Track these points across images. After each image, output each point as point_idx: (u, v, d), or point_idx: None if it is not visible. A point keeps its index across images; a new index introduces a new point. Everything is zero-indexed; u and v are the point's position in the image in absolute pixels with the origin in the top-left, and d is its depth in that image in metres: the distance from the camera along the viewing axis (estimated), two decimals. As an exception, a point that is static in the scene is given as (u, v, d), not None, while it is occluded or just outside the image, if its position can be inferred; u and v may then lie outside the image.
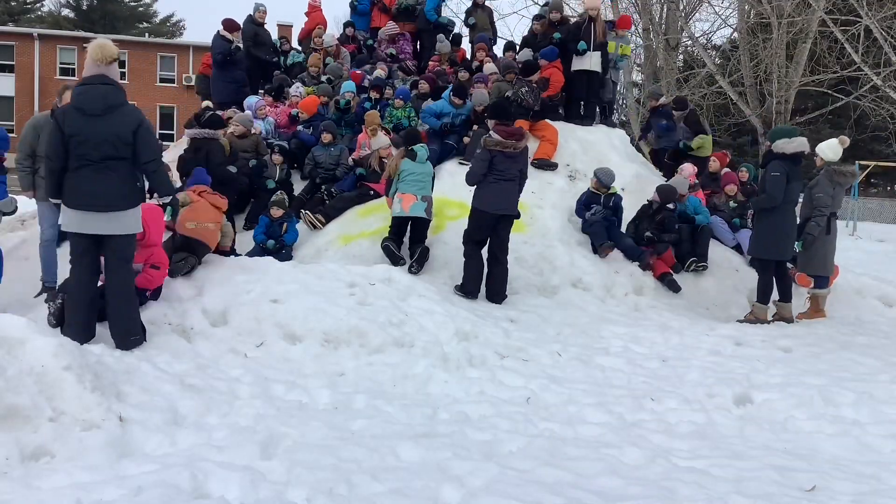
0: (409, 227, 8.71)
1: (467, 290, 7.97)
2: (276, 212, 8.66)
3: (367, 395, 5.25)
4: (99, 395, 4.33)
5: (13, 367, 4.15)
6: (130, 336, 5.59)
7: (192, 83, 13.11)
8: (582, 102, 11.84)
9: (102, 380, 4.53)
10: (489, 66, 12.14)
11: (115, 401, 4.43)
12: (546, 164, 10.54)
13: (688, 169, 10.67)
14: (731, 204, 10.52)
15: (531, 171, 10.36)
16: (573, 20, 12.19)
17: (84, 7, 58.87)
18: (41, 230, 7.39)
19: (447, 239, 9.13)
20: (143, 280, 6.18)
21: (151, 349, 5.68)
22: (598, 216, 9.38)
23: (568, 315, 7.86)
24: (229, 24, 12.25)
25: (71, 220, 5.50)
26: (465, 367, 6.05)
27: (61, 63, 42.66)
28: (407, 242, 8.68)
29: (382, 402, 5.14)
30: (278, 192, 9.05)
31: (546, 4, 13.35)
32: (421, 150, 8.82)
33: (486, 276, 8.13)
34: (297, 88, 12.03)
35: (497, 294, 8.05)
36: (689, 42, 24.33)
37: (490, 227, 8.08)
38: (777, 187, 8.10)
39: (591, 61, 11.43)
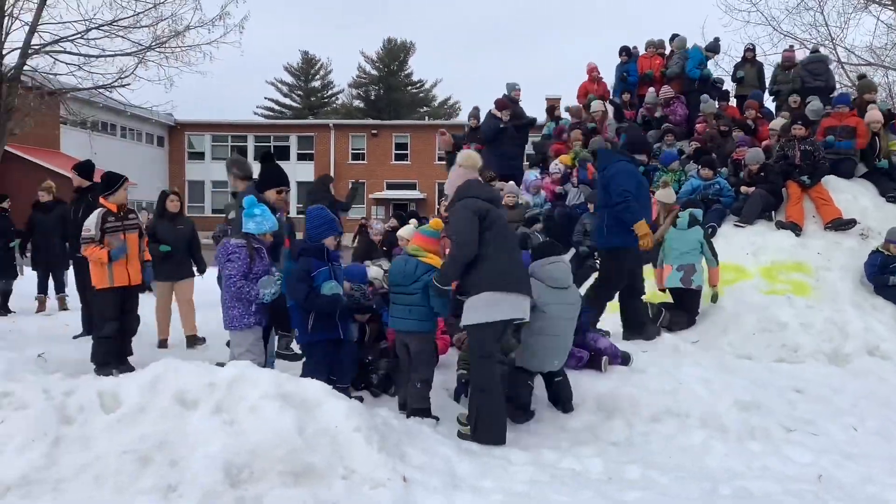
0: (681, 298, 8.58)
1: None
2: None
3: (640, 466, 5.12)
4: (385, 455, 4.59)
5: (311, 427, 4.54)
6: None
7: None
8: None
9: (388, 441, 4.81)
10: (777, 121, 11.70)
11: (398, 461, 4.66)
12: (843, 224, 9.81)
13: None
14: None
15: (820, 231, 9.77)
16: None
17: (372, 97, 64.61)
18: None
19: (724, 304, 8.77)
20: (442, 345, 6.59)
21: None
22: None
23: (864, 385, 7.19)
24: (500, 103, 12.92)
25: (503, 305, 5.44)
26: (746, 439, 5.71)
27: (353, 149, 47.04)
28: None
29: (657, 474, 4.98)
30: None
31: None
32: (683, 216, 8.66)
33: None
34: (555, 165, 12.28)
35: None
36: None
37: None
38: None
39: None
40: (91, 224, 7.55)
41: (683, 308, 8.62)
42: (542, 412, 6.16)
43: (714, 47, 14.69)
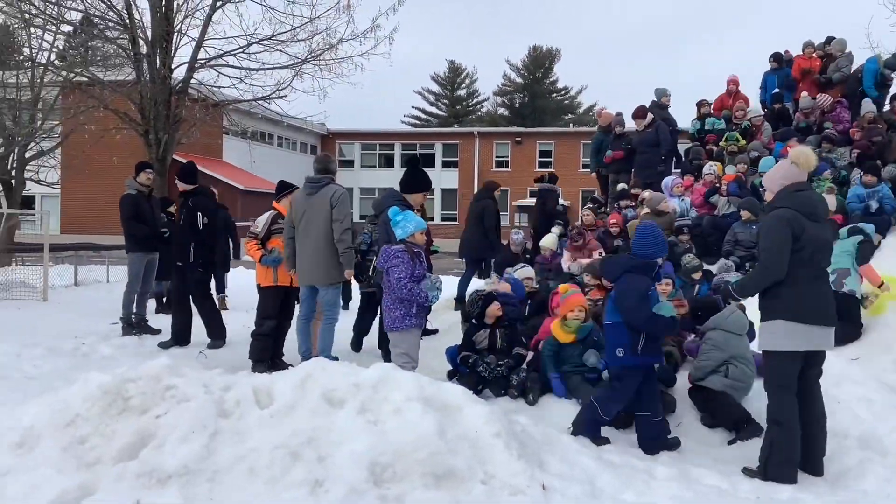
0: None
1: None
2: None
3: (792, 488, 4.89)
4: (524, 462, 4.58)
5: (452, 431, 4.60)
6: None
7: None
8: None
9: (527, 448, 4.81)
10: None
11: (537, 469, 4.64)
12: None
13: None
14: None
15: None
16: None
17: (517, 105, 64.76)
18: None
19: (889, 321, 8.23)
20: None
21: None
22: None
23: None
24: (634, 112, 12.77)
25: (801, 336, 5.05)
26: (912, 465, 5.33)
27: (497, 156, 47.28)
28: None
29: (810, 497, 4.74)
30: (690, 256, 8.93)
31: None
32: (843, 231, 8.38)
33: None
34: (710, 167, 11.90)
35: None
36: None
37: None
38: None
39: None
40: (261, 222, 8.06)
41: (841, 319, 8.10)
42: (688, 426, 6.00)
43: (895, 65, 13.59)
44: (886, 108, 12.94)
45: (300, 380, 4.91)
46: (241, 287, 12.49)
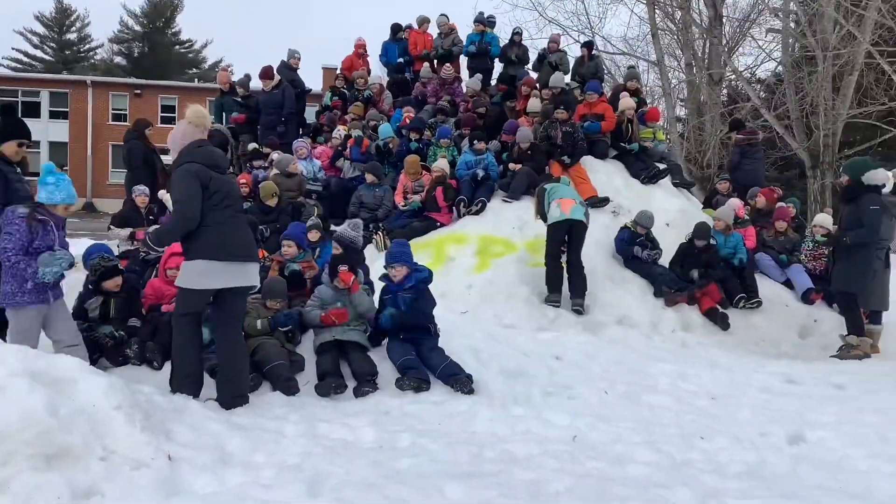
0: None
1: None
2: (314, 235, 8.36)
3: (411, 434, 5.21)
4: (149, 434, 4.36)
5: (66, 407, 4.21)
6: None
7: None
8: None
9: (152, 419, 4.57)
10: (534, 103, 12.24)
11: (164, 440, 4.45)
12: (598, 201, 10.50)
13: (735, 202, 10.59)
14: (781, 240, 10.38)
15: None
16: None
17: (136, 55, 60.70)
18: None
19: (492, 277, 9.12)
20: None
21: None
22: (652, 256, 9.37)
23: (614, 352, 7.78)
24: (261, 72, 12.73)
25: (219, 273, 5.45)
26: (511, 405, 5.99)
27: (114, 109, 43.93)
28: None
29: (427, 441, 5.10)
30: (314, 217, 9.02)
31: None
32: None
33: None
34: (338, 132, 12.26)
35: None
36: (733, 76, 24.18)
37: None
38: (877, 220, 8.02)
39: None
40: None
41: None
42: (313, 383, 6.13)
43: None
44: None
45: None
46: None
